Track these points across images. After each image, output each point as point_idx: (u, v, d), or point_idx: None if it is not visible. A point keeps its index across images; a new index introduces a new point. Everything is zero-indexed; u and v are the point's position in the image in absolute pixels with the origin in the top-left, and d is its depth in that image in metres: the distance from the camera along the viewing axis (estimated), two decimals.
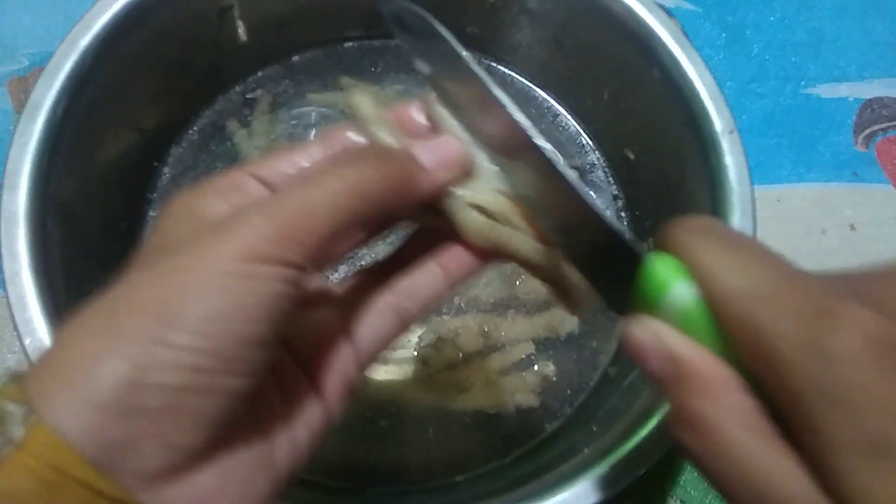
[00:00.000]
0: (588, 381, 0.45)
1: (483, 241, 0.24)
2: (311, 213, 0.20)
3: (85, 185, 0.41)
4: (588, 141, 0.52)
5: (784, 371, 0.17)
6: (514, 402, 0.44)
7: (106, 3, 0.40)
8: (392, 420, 0.43)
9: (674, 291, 0.19)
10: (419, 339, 0.45)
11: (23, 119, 0.37)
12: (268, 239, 0.19)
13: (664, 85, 0.42)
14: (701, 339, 0.19)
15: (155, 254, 0.20)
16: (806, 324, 0.17)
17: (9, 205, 0.35)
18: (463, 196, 0.24)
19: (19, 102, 0.51)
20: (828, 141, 0.54)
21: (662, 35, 0.42)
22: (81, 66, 0.39)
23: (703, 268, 0.18)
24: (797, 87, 0.56)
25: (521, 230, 0.24)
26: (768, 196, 0.52)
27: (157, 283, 0.19)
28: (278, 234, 0.19)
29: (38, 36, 0.53)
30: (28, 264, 0.35)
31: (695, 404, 0.18)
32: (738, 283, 0.18)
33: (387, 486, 0.42)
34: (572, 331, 0.46)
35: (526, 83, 0.53)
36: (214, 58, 0.49)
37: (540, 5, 0.48)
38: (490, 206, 0.24)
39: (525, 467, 0.42)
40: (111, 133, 0.44)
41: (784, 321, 0.17)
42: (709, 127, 0.40)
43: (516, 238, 0.24)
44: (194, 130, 0.50)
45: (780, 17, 0.59)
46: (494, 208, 0.24)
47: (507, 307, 0.46)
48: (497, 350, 0.45)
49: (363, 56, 0.53)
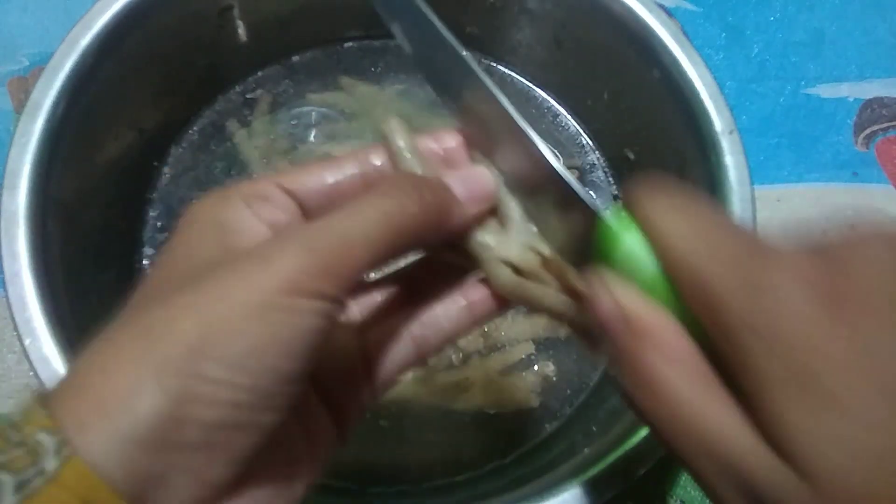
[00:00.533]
0: (588, 381, 0.45)
1: (510, 296, 0.24)
2: (350, 246, 0.19)
3: (85, 185, 0.41)
4: (588, 141, 0.52)
5: (720, 310, 0.17)
6: (514, 402, 0.44)
7: (106, 3, 0.40)
8: (392, 420, 0.43)
9: (622, 243, 0.20)
10: None
11: (23, 119, 0.37)
12: (309, 272, 0.18)
13: (664, 85, 0.42)
14: (651, 292, 0.19)
15: (184, 271, 0.20)
16: (741, 264, 0.17)
17: (9, 205, 0.35)
18: (494, 249, 0.23)
19: (19, 102, 0.51)
20: (828, 141, 0.54)
21: (662, 35, 0.42)
22: (81, 66, 0.39)
23: (652, 220, 0.19)
24: (797, 87, 0.56)
25: (549, 284, 0.24)
26: (768, 196, 0.52)
27: (193, 311, 0.18)
28: (317, 266, 0.18)
29: (38, 36, 0.53)
30: (28, 264, 0.35)
31: (639, 352, 0.19)
32: (681, 232, 0.19)
33: (387, 486, 0.42)
34: None
35: (526, 83, 0.53)
36: (214, 58, 0.49)
37: (540, 5, 0.48)
38: (520, 264, 0.23)
39: (525, 467, 0.42)
40: (111, 133, 0.44)
41: (721, 264, 0.18)
42: (709, 127, 0.40)
43: (545, 295, 0.24)
44: (194, 130, 0.50)
45: (780, 17, 0.59)
46: (524, 265, 0.24)
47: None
48: (497, 350, 0.45)
49: (363, 56, 0.53)
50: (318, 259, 0.18)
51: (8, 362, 0.44)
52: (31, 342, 0.33)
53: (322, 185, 0.23)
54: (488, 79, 0.23)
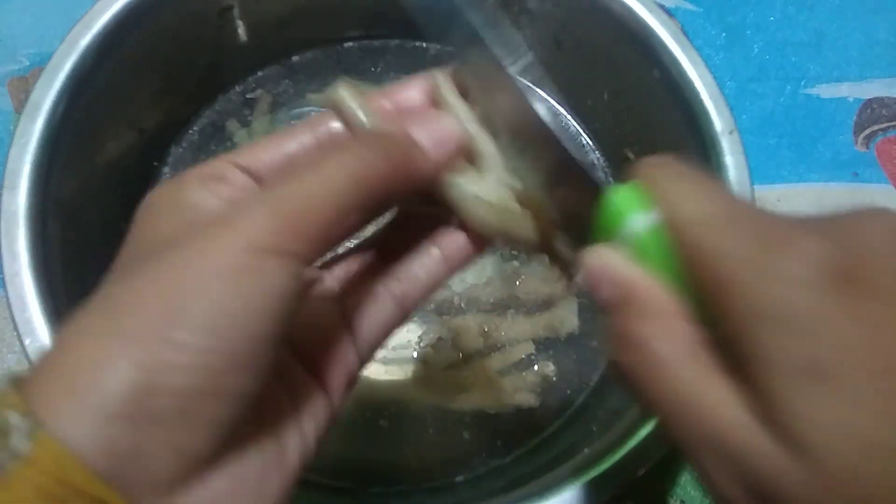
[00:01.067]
0: (588, 381, 0.45)
1: (489, 232, 0.24)
2: (312, 203, 0.19)
3: (85, 185, 0.41)
4: (588, 141, 0.52)
5: (732, 294, 0.17)
6: (514, 402, 0.44)
7: (106, 3, 0.40)
8: (392, 420, 0.43)
9: (630, 222, 0.20)
10: (419, 339, 0.45)
11: (23, 119, 0.37)
12: (272, 230, 0.18)
13: (664, 85, 0.42)
14: (654, 270, 0.19)
15: (146, 250, 0.19)
16: (757, 248, 0.17)
17: (9, 205, 0.35)
18: (467, 187, 0.23)
19: (19, 102, 0.51)
20: (828, 141, 0.54)
21: (662, 35, 0.42)
22: (81, 66, 0.39)
23: (667, 195, 0.19)
24: (797, 87, 0.56)
25: (528, 218, 0.24)
26: (768, 196, 0.52)
27: (157, 280, 0.18)
28: (282, 226, 0.18)
29: (38, 36, 0.53)
30: (28, 264, 0.35)
31: (638, 328, 0.19)
32: (697, 209, 0.18)
33: (387, 486, 0.42)
34: (572, 331, 0.46)
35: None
36: (214, 58, 0.49)
37: (540, 5, 0.48)
38: (495, 199, 0.23)
39: (525, 467, 0.42)
40: (111, 133, 0.44)
41: (737, 245, 0.17)
42: (709, 127, 0.40)
43: (525, 229, 0.24)
44: (194, 130, 0.50)
45: (780, 17, 0.59)
46: (500, 201, 0.23)
47: (507, 307, 0.46)
48: (497, 350, 0.45)
49: (363, 56, 0.53)
50: (281, 218, 0.18)
51: (8, 362, 0.44)
52: (31, 342, 0.33)
53: (278, 158, 0.22)
54: None
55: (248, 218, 0.18)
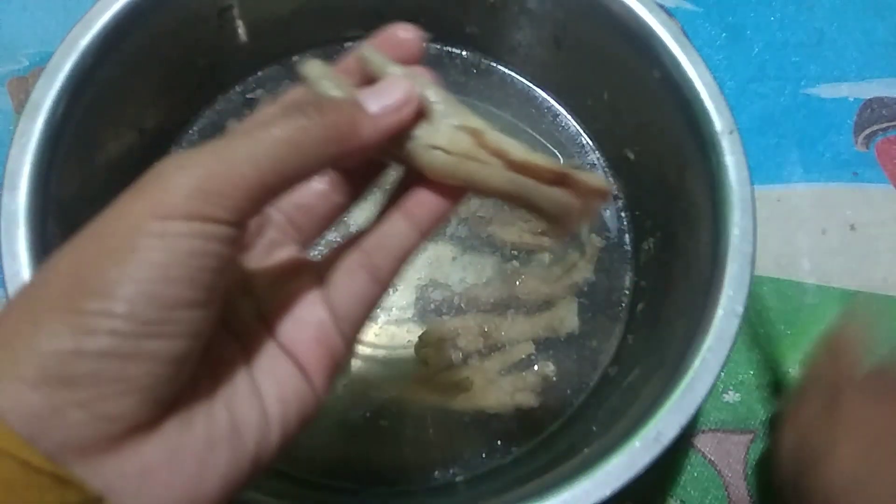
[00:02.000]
0: (588, 381, 0.45)
1: (451, 179, 0.23)
2: (234, 167, 0.19)
3: (85, 186, 0.41)
4: (588, 141, 0.52)
5: None
6: (514, 402, 0.44)
7: (106, 3, 0.40)
8: (392, 420, 0.43)
9: None
10: (419, 339, 0.45)
11: (23, 119, 0.37)
12: (182, 194, 0.18)
13: (664, 85, 0.42)
14: None
15: None
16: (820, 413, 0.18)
17: (9, 205, 0.35)
18: (421, 137, 0.23)
19: (19, 102, 0.51)
20: (828, 141, 0.55)
21: (662, 35, 0.42)
22: (81, 66, 0.39)
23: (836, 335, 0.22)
24: (797, 87, 0.56)
25: (488, 162, 0.23)
26: (768, 196, 0.52)
27: (72, 251, 0.18)
28: (195, 188, 0.18)
29: (38, 36, 0.53)
30: (28, 264, 0.35)
31: None
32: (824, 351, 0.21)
33: (387, 486, 0.42)
34: (572, 331, 0.46)
35: (526, 83, 0.53)
36: (214, 58, 0.49)
37: (540, 5, 0.48)
38: (451, 146, 0.23)
39: (525, 467, 0.42)
40: (111, 133, 0.44)
41: None
42: (709, 127, 0.40)
43: (484, 170, 0.23)
44: (194, 130, 0.50)
45: (780, 17, 0.59)
46: (456, 146, 0.23)
47: (507, 307, 0.46)
48: (497, 350, 0.45)
49: None
50: (194, 180, 0.18)
51: None
52: None
53: None
54: None
55: (160, 185, 0.18)
